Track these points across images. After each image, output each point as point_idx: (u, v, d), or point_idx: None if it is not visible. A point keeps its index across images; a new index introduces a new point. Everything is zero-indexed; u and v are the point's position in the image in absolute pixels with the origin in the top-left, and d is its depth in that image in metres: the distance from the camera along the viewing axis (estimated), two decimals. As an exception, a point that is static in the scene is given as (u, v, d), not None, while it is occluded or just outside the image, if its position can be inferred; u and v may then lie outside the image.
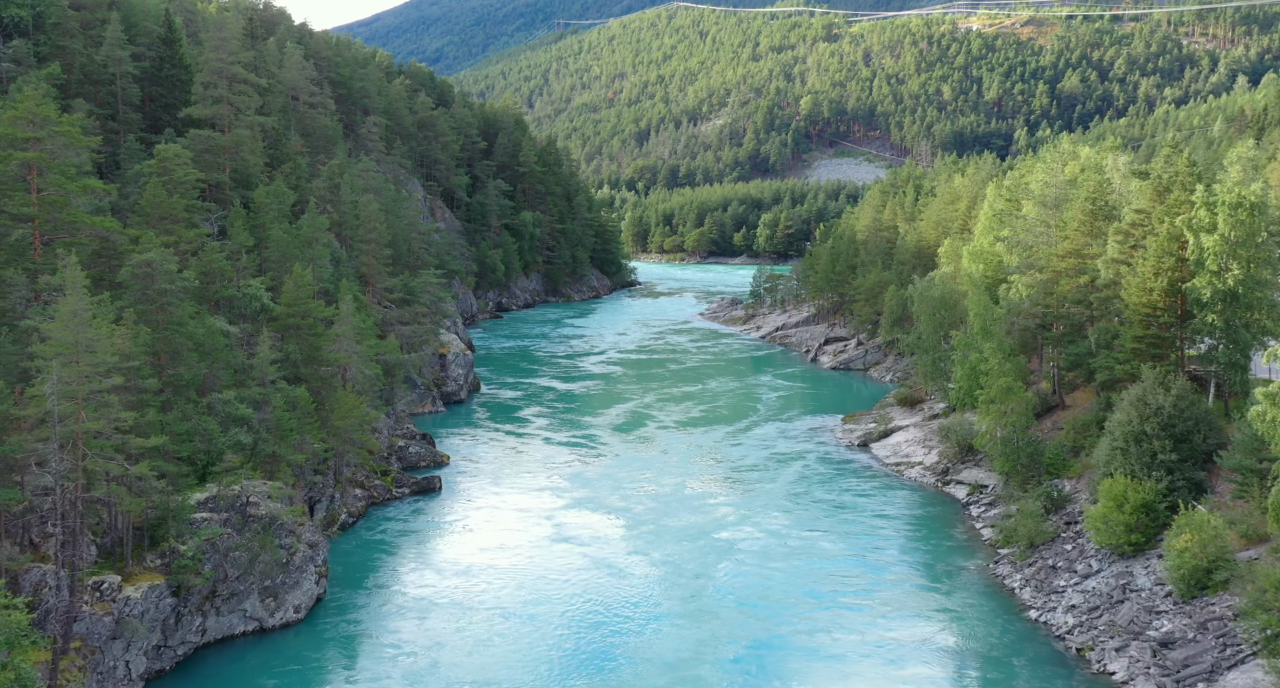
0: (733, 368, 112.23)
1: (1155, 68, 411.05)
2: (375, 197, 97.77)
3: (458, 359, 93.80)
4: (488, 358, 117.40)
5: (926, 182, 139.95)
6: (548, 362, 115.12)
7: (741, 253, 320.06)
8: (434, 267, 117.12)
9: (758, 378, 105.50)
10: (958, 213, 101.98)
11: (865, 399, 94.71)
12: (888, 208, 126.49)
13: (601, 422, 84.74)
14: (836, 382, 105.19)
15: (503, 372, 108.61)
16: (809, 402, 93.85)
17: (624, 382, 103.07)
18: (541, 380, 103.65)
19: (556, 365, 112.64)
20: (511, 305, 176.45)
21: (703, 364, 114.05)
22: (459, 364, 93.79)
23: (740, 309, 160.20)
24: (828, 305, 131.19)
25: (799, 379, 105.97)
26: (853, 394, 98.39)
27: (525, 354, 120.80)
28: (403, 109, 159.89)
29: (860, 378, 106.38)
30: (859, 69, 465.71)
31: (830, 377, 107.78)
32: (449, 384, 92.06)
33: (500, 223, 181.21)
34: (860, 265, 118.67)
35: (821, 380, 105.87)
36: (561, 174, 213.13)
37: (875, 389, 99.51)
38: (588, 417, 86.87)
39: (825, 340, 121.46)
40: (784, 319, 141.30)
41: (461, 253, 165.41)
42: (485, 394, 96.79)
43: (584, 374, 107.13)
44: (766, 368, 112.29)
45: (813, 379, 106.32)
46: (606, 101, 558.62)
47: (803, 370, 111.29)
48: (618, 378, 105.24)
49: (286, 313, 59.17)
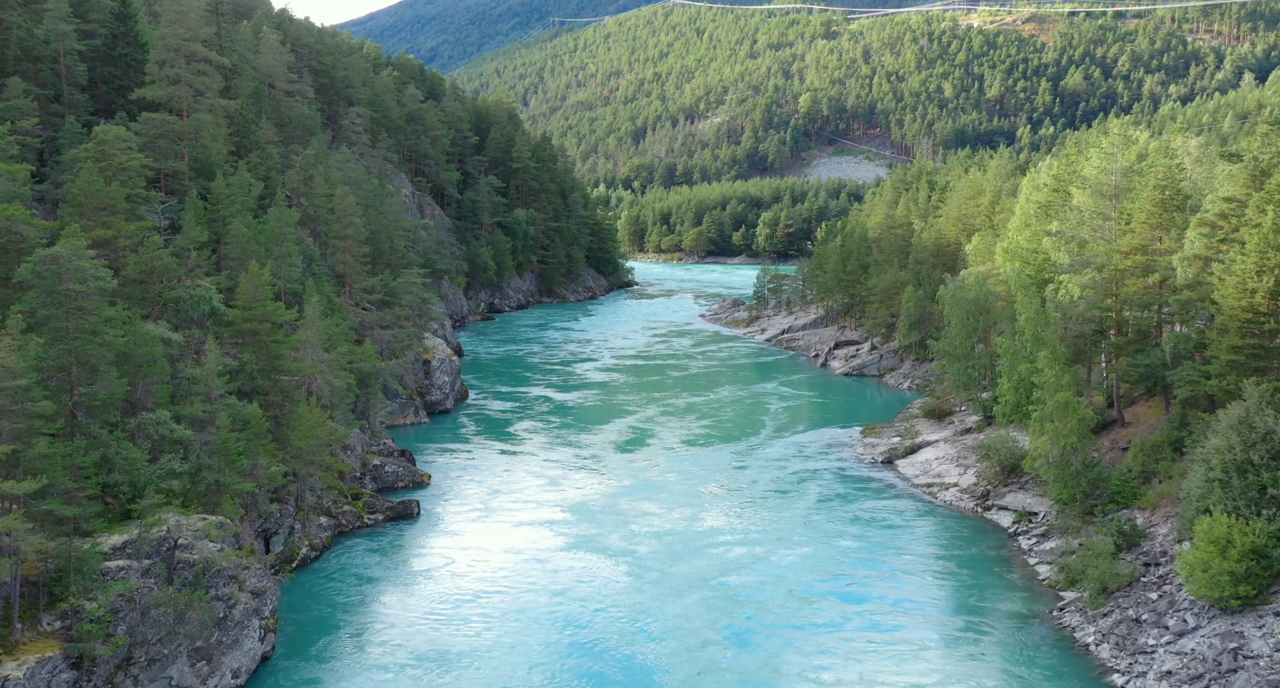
0: (738, 374, 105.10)
1: (1160, 65, 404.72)
2: (354, 190, 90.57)
3: (443, 366, 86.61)
4: (477, 363, 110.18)
5: (940, 177, 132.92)
6: (541, 367, 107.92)
7: (741, 253, 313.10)
8: (419, 266, 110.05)
9: (765, 385, 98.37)
10: (980, 208, 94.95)
11: (884, 409, 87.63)
12: (900, 204, 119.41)
13: (599, 438, 77.55)
14: (850, 389, 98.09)
15: (493, 379, 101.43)
16: (822, 412, 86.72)
17: (623, 390, 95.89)
18: (534, 389, 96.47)
19: (550, 372, 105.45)
20: (504, 306, 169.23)
21: (706, 370, 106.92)
22: (445, 371, 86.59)
23: (743, 311, 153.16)
24: (837, 307, 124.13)
25: (810, 387, 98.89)
26: (869, 403, 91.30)
27: (517, 359, 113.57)
28: (390, 101, 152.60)
29: (875, 385, 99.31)
30: (858, 66, 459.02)
31: (843, 384, 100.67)
32: (433, 393, 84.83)
33: (492, 220, 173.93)
34: (873, 265, 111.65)
35: (834, 388, 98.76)
36: (556, 170, 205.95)
37: (893, 398, 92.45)
38: (584, 431, 79.67)
39: (835, 344, 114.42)
40: (790, 321, 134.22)
41: (451, 251, 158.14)
42: (473, 403, 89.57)
43: (580, 382, 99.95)
44: (774, 374, 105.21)
45: (824, 387, 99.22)
46: (602, 99, 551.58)
47: (813, 377, 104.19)
48: (616, 386, 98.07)
49: (242, 317, 51.95)
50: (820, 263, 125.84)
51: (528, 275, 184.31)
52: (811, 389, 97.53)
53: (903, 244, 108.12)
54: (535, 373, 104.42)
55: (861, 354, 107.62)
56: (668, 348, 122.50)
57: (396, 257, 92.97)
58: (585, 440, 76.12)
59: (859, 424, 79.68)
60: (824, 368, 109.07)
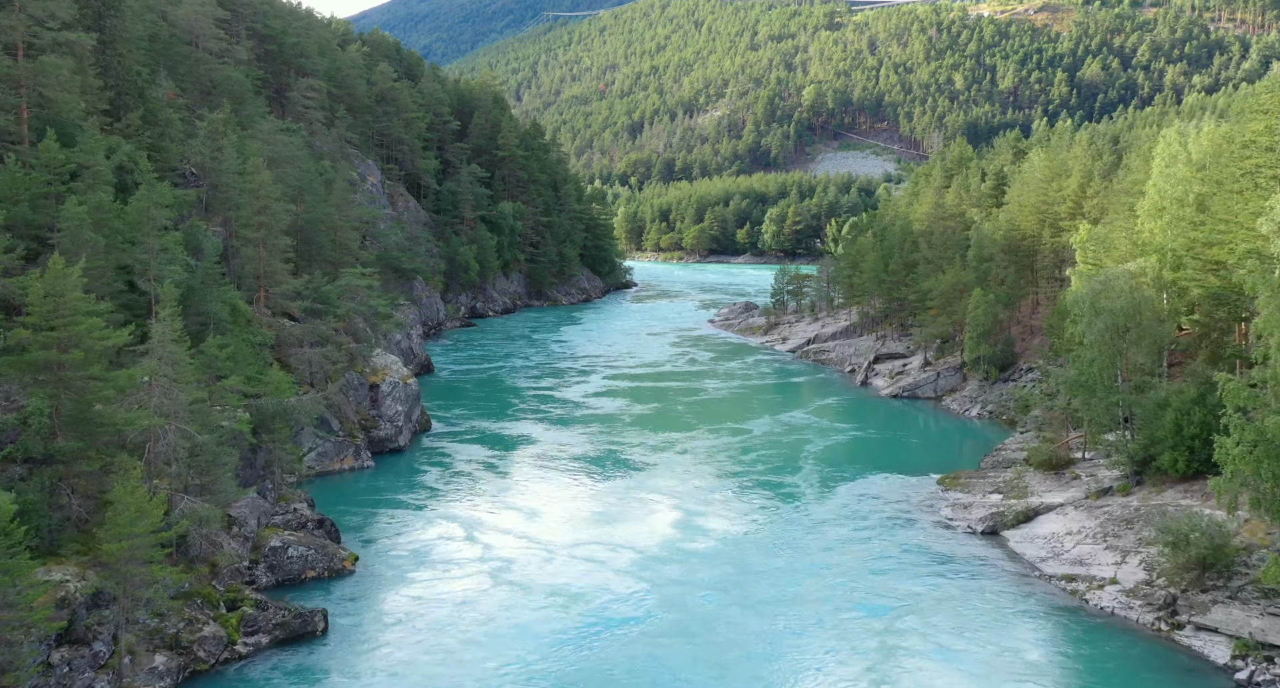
0: (764, 397, 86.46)
1: (1182, 54, 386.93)
2: (287, 169, 71.89)
3: (396, 391, 67.91)
4: (448, 384, 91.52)
5: (992, 161, 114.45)
6: (525, 389, 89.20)
7: (745, 251, 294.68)
8: (380, 265, 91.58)
9: (799, 412, 79.78)
10: (1067, 192, 76.51)
11: (957, 446, 69.16)
12: (951, 191, 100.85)
13: (595, 491, 58.94)
14: (903, 417, 79.56)
15: (465, 403, 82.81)
16: (879, 450, 68.07)
17: (623, 421, 77.17)
18: (514, 418, 77.80)
19: (535, 394, 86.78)
20: (487, 311, 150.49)
21: (724, 392, 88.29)
22: (398, 398, 67.88)
23: (758, 316, 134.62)
24: (874, 313, 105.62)
25: (854, 414, 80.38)
26: (935, 438, 72.80)
27: (496, 378, 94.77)
28: (356, 78, 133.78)
29: (931, 410, 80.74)
30: (864, 58, 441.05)
31: (892, 409, 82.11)
32: (382, 427, 66.11)
33: (475, 214, 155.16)
34: (922, 263, 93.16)
35: (884, 415, 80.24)
36: (547, 161, 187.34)
37: (961, 429, 73.92)
38: (574, 481, 61.03)
39: (875, 358, 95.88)
40: (816, 329, 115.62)
41: (428, 249, 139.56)
42: (436, 437, 70.95)
43: (570, 408, 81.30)
44: (807, 397, 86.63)
45: (871, 413, 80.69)
46: (597, 93, 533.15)
47: (853, 399, 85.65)
48: (614, 415, 79.34)
49: (38, 341, 33.36)
50: (854, 261, 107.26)
51: (515, 276, 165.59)
52: (857, 418, 78.96)
53: (961, 239, 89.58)
54: (517, 396, 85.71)
55: (911, 371, 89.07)
56: (675, 362, 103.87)
57: (343, 254, 74.28)
58: (576, 494, 57.54)
59: (932, 470, 61.17)
60: (864, 387, 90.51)
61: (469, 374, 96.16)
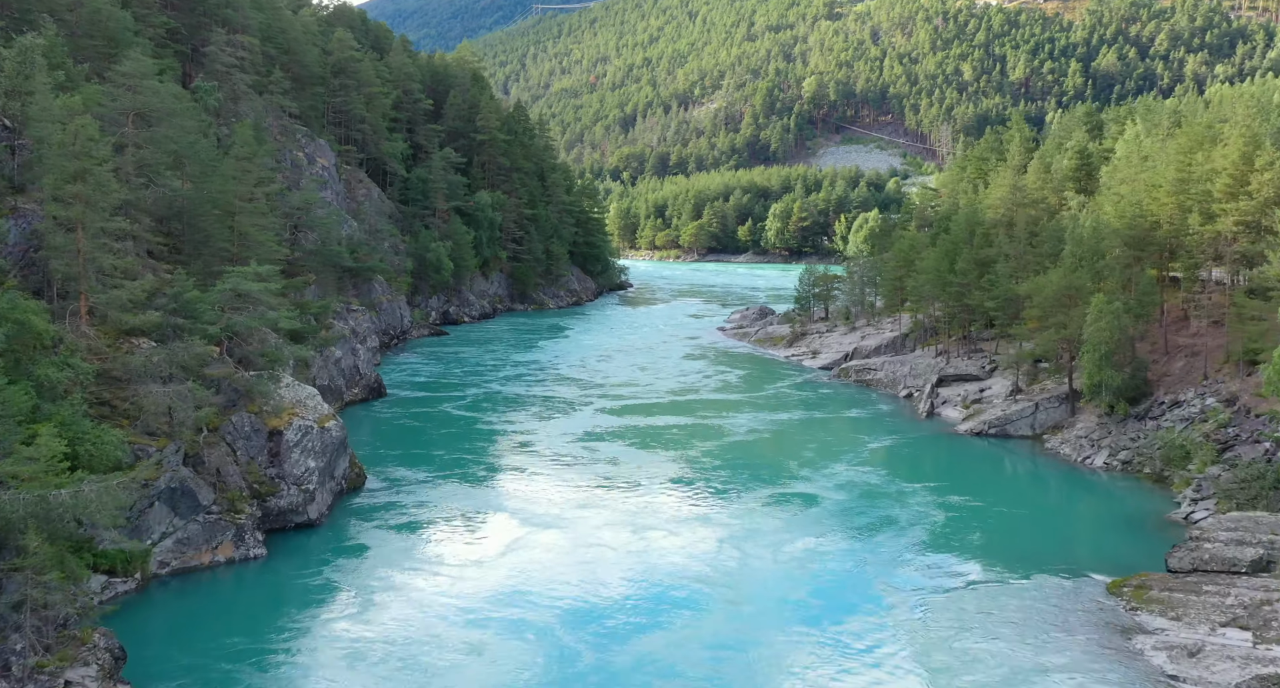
0: (807, 436, 66.41)
1: (1202, 43, 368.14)
2: (167, 130, 51.75)
3: (309, 440, 47.79)
4: (397, 416, 71.49)
5: (1070, 137, 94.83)
6: (497, 421, 69.13)
7: (747, 250, 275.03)
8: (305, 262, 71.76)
9: (858, 458, 59.83)
10: (1224, 165, 56.85)
11: (1100, 517, 49.47)
12: (1031, 173, 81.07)
13: (591, 602, 39.01)
14: (998, 465, 59.80)
15: (418, 442, 62.79)
16: (990, 524, 48.18)
17: (627, 476, 57.12)
18: (480, 466, 57.79)
19: (511, 430, 66.77)
20: (462, 316, 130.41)
21: (753, 427, 68.20)
22: (312, 450, 47.76)
23: (777, 323, 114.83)
24: (930, 322, 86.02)
25: (931, 461, 60.64)
26: (1058, 501, 52.90)
27: (463, 406, 74.52)
28: (306, 44, 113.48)
29: (1029, 453, 60.96)
30: (867, 48, 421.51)
31: (979, 452, 62.31)
32: (285, 493, 45.97)
33: (449, 205, 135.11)
34: (1001, 261, 73.47)
35: (970, 461, 60.48)
36: (533, 147, 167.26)
37: (1085, 486, 54.12)
38: (562, 590, 41.06)
39: (940, 380, 76.13)
40: (854, 341, 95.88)
41: (392, 244, 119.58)
42: (370, 500, 50.96)
43: (556, 452, 61.24)
44: (862, 434, 66.69)
45: (953, 459, 60.88)
46: (588, 86, 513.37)
47: (923, 438, 65.85)
48: (614, 468, 59.21)
49: None
50: (905, 258, 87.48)
51: (495, 276, 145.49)
52: (937, 467, 59.18)
53: (1054, 233, 69.77)
54: (486, 435, 65.61)
55: (994, 400, 69.29)
56: (686, 383, 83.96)
57: (245, 247, 54.08)
58: (563, 607, 37.61)
59: (1084, 562, 41.59)
60: (931, 419, 70.72)
61: (429, 400, 76.00)
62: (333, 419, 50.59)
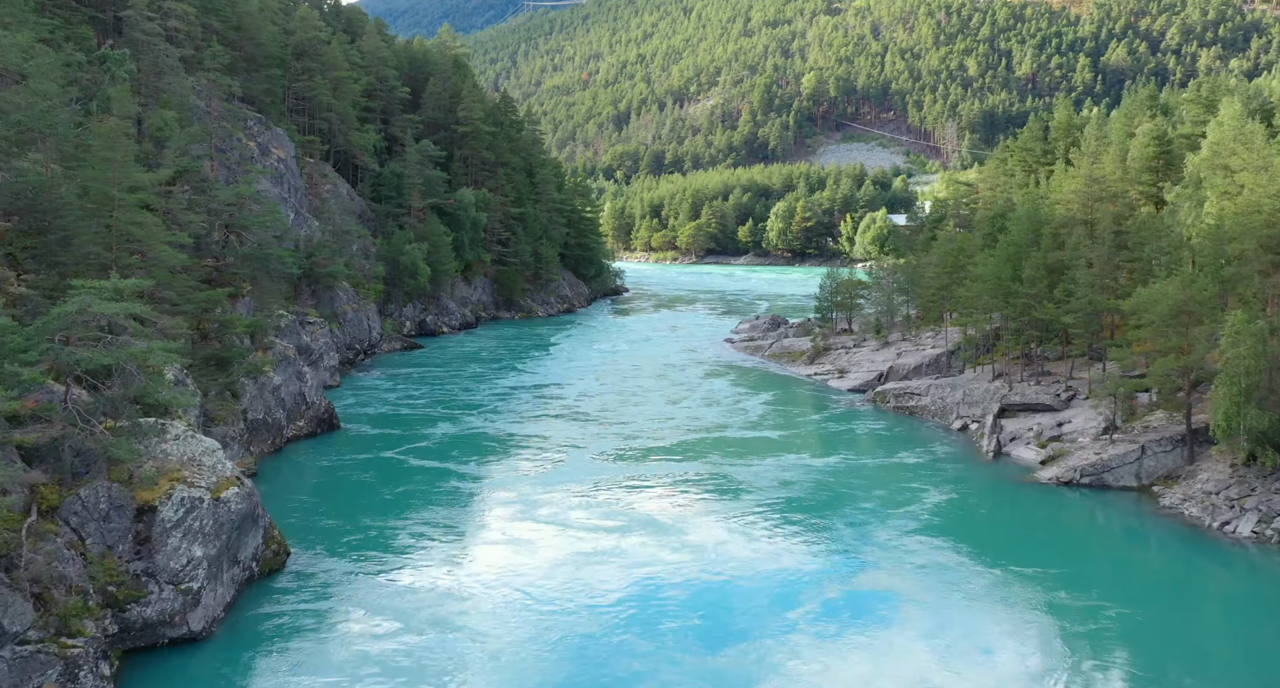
0: (848, 487, 53.11)
1: (1215, 37, 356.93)
2: (13, 96, 38.50)
3: (195, 518, 34.57)
4: (344, 462, 58.29)
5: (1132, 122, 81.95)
6: (465, 474, 55.80)
7: (748, 251, 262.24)
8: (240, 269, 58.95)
9: (916, 526, 46.63)
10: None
11: (1251, 623, 36.55)
12: (1108, 162, 68.08)
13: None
14: (1112, 532, 46.86)
15: (363, 503, 49.50)
16: (1140, 638, 35.20)
17: (628, 551, 43.98)
18: (437, 540, 44.53)
19: (479, 489, 53.49)
20: (441, 326, 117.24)
21: (780, 477, 54.89)
22: (198, 534, 34.53)
23: (794, 333, 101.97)
24: (981, 337, 73.11)
25: (1021, 527, 47.58)
26: (1239, 606, 39.90)
27: (417, 463, 61.00)
28: (261, 20, 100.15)
29: (1136, 510, 48.02)
30: (867, 43, 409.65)
31: (1071, 509, 49.25)
32: (154, 598, 32.74)
33: (426, 203, 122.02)
34: (1083, 267, 60.55)
35: (1065, 525, 47.48)
36: (520, 140, 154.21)
37: (1248, 567, 41.18)
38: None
39: (1003, 409, 63.20)
40: (888, 358, 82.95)
41: (362, 247, 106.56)
42: (284, 589, 37.83)
43: (541, 518, 48.03)
44: (918, 483, 53.45)
45: (1053, 528, 47.69)
46: (580, 83, 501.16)
47: (998, 489, 52.76)
48: (613, 540, 46.05)
49: None
50: (952, 263, 74.55)
51: (478, 281, 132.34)
52: (1038, 541, 46.05)
53: (1160, 231, 56.77)
54: (448, 498, 52.21)
55: (1078, 438, 56.32)
56: (696, 416, 70.84)
57: (125, 250, 40.93)
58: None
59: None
60: (998, 461, 57.71)
61: (389, 439, 62.67)
62: (235, 484, 37.34)
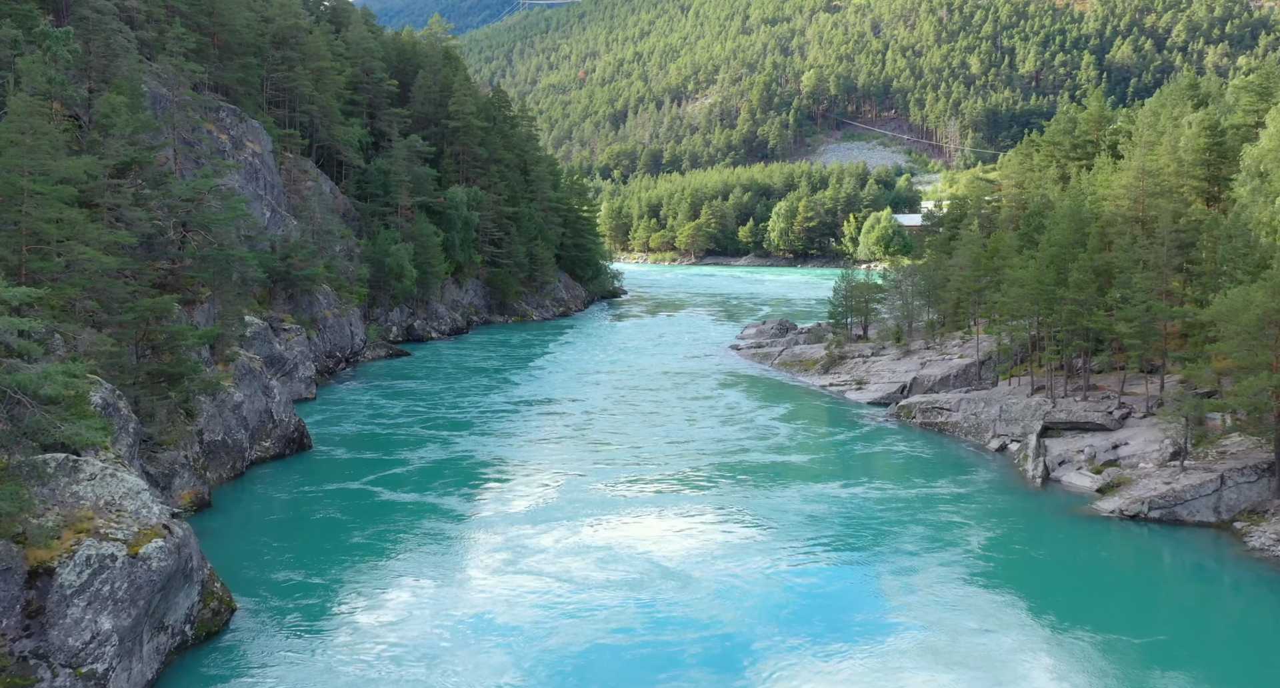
0: (877, 524, 46.48)
1: (1222, 34, 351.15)
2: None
3: (101, 583, 28.04)
4: (305, 504, 51.77)
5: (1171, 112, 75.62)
6: (446, 510, 49.21)
7: (748, 252, 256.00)
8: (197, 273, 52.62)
9: (966, 573, 40.32)
10: None
11: None
12: (1161, 152, 61.74)
13: None
14: (1206, 583, 40.53)
15: (328, 545, 42.97)
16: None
17: (634, 596, 37.59)
18: (406, 589, 37.97)
19: (465, 514, 47.05)
20: (430, 332, 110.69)
21: (805, 511, 48.45)
22: (107, 600, 27.95)
23: (804, 341, 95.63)
24: (1020, 348, 66.75)
25: (1083, 576, 41.06)
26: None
27: (390, 497, 54.30)
28: (235, 5, 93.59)
29: (1227, 556, 41.68)
30: (868, 40, 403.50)
31: (1141, 550, 42.95)
32: (44, 685, 26.25)
33: (414, 201, 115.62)
34: (1140, 270, 54.22)
35: (1135, 571, 41.24)
36: (514, 136, 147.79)
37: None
38: None
39: (1046, 427, 56.92)
40: (911, 368, 76.58)
41: (346, 248, 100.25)
42: (225, 650, 31.33)
43: (523, 555, 41.56)
44: (957, 519, 46.90)
45: (1110, 568, 41.41)
46: (577, 82, 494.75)
47: (1054, 524, 46.34)
48: (613, 575, 39.64)
49: None
50: (987, 265, 68.19)
51: (470, 283, 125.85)
52: (1099, 590, 39.66)
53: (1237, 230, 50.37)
54: (427, 538, 45.68)
55: (1139, 463, 50.00)
56: (706, 435, 64.43)
57: (38, 252, 34.40)
58: None
59: None
60: (1045, 489, 51.30)
61: (364, 463, 56.07)
62: (161, 534, 30.80)
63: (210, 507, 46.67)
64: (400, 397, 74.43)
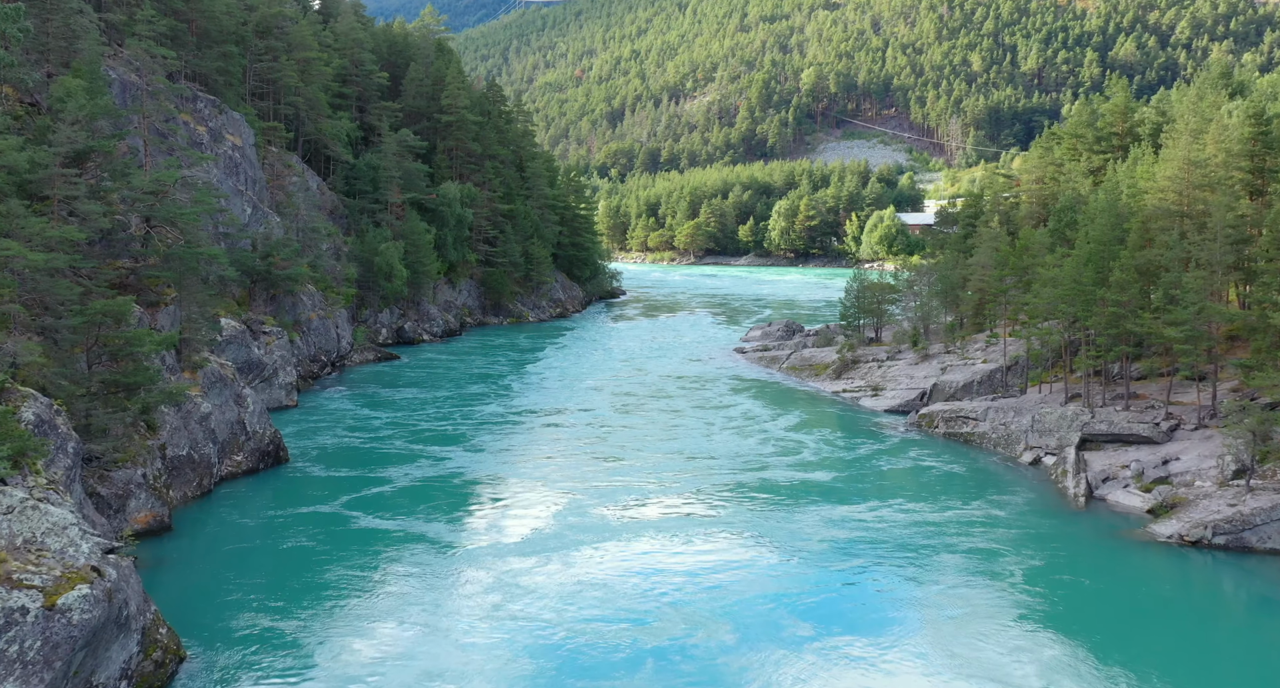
0: (907, 551, 41.87)
1: (1227, 31, 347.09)
2: None
3: (11, 646, 23.60)
4: (275, 529, 47.09)
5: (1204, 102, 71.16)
6: (430, 538, 44.55)
7: (748, 251, 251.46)
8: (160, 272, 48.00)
9: (1015, 613, 35.89)
10: None
11: None
12: (1207, 138, 57.24)
13: None
14: (1268, 619, 36.00)
15: (293, 570, 38.36)
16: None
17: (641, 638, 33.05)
18: (383, 635, 33.36)
19: (453, 543, 42.43)
20: (421, 334, 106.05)
21: (820, 527, 43.91)
22: (15, 663, 23.46)
23: (812, 343, 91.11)
24: (1051, 351, 62.24)
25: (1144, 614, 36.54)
26: None
27: (369, 524, 49.46)
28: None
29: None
30: (868, 38, 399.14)
31: (1207, 585, 38.52)
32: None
33: (405, 198, 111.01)
34: (1194, 268, 49.76)
35: (1209, 614, 36.73)
36: (510, 131, 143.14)
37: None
38: None
39: (1084, 439, 52.40)
40: (930, 374, 72.05)
41: (333, 246, 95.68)
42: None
43: (516, 597, 36.97)
44: (995, 545, 42.29)
45: (1189, 619, 36.84)
46: (573, 80, 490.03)
47: (1105, 553, 41.79)
48: (617, 610, 35.12)
49: None
50: (1017, 265, 63.66)
51: (463, 283, 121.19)
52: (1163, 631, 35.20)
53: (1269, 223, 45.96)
54: (408, 564, 41.04)
55: (1194, 480, 45.50)
56: (715, 449, 59.87)
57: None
58: None
59: None
60: (1089, 509, 46.73)
61: (344, 481, 51.38)
62: (87, 579, 26.17)
63: (170, 531, 42.10)
64: (387, 405, 69.78)
